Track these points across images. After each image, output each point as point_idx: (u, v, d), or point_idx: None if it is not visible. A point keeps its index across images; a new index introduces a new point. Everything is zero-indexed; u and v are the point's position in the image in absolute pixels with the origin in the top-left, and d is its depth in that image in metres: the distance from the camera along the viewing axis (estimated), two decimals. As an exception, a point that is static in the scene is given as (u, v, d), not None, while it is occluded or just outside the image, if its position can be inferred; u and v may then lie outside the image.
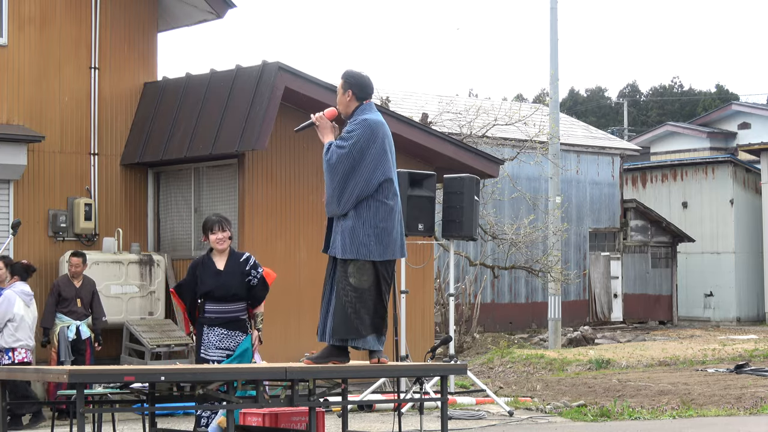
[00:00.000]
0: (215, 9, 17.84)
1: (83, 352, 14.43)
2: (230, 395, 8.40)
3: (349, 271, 8.53)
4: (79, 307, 14.52)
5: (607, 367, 21.37)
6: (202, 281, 9.47)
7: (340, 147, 8.55)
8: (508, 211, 29.69)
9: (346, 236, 8.53)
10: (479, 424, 12.99)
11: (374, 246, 8.53)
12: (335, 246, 8.59)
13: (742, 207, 38.93)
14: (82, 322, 14.52)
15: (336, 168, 8.53)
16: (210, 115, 16.40)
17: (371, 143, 8.56)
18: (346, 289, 8.52)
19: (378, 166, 8.57)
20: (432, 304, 18.57)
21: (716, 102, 64.11)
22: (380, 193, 8.58)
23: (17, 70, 16.41)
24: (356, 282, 8.51)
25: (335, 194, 8.55)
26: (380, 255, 8.55)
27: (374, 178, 8.55)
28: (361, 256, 8.52)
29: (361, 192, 8.52)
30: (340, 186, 8.53)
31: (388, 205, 8.61)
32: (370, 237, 8.53)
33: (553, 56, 27.54)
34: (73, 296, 14.45)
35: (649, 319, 37.37)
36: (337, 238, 8.58)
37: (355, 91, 8.72)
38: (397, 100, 31.05)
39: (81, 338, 14.42)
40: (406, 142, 17.34)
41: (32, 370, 9.60)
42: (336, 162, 8.52)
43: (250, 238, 16.10)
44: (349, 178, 8.51)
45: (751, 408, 14.15)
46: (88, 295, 14.71)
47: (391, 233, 8.60)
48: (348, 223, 8.55)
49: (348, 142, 8.53)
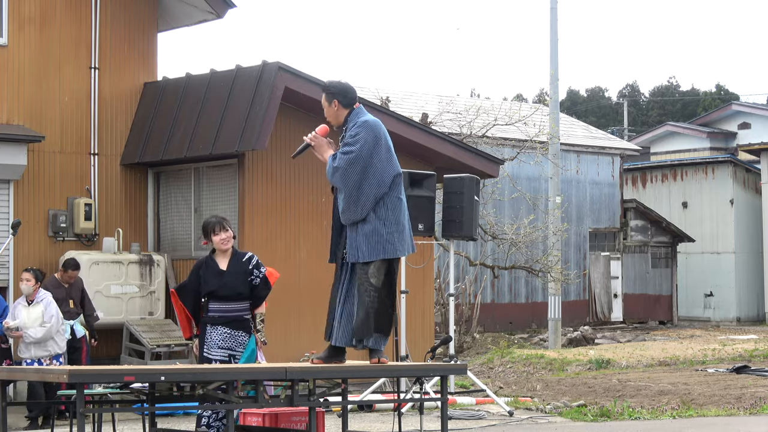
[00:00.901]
0: (215, 9, 17.83)
1: (79, 349, 14.52)
2: (230, 395, 8.40)
3: (371, 272, 8.55)
4: (71, 308, 14.59)
5: (607, 367, 21.37)
6: (206, 281, 9.48)
7: (347, 153, 8.55)
8: (508, 211, 29.69)
9: (371, 239, 8.54)
10: (479, 424, 12.99)
11: (397, 243, 8.60)
12: (358, 251, 8.56)
13: (742, 207, 38.93)
14: (75, 321, 14.61)
15: (348, 173, 8.51)
16: (210, 115, 16.40)
17: (377, 142, 8.61)
18: (368, 290, 8.52)
19: (387, 163, 8.63)
20: (432, 304, 18.57)
21: (716, 102, 64.12)
22: (394, 190, 8.64)
23: (17, 70, 16.41)
24: (376, 281, 8.55)
25: (352, 199, 8.53)
26: (403, 250, 8.65)
27: (387, 176, 8.60)
28: (389, 254, 8.55)
29: (378, 192, 8.56)
30: (355, 190, 8.52)
31: (402, 200, 8.70)
32: (393, 234, 8.58)
33: (553, 56, 27.54)
34: (64, 297, 14.51)
35: (649, 319, 37.38)
36: (360, 243, 8.55)
37: (340, 100, 8.76)
38: (397, 100, 31.05)
39: (76, 337, 14.53)
40: (406, 142, 17.34)
41: (32, 370, 9.60)
42: (347, 167, 8.51)
43: (250, 238, 16.09)
44: (362, 180, 8.53)
45: (751, 408, 14.15)
46: (78, 293, 14.80)
47: (406, 228, 8.70)
48: (369, 227, 8.55)
49: (355, 146, 8.54)
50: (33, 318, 13.23)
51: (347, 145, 8.58)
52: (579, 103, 73.12)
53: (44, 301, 13.40)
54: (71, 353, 14.33)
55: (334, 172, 8.55)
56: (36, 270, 13.70)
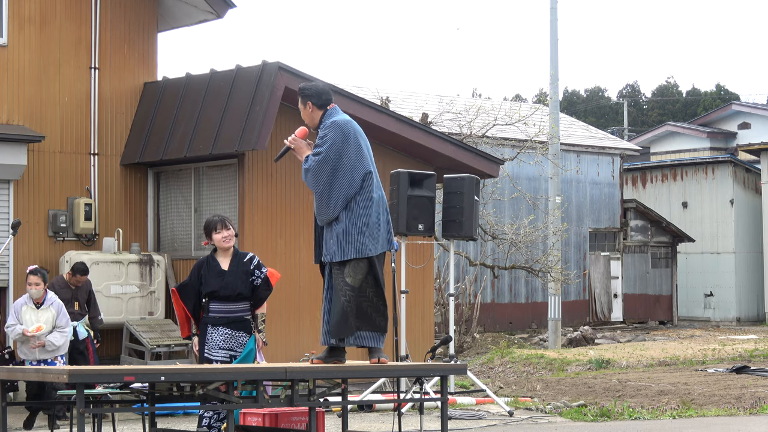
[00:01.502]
0: (215, 9, 17.84)
1: (83, 351, 14.43)
2: (230, 395, 8.40)
3: (346, 272, 8.65)
4: (77, 309, 14.53)
5: (607, 367, 21.37)
6: (207, 281, 9.47)
7: (316, 154, 8.69)
8: (508, 211, 29.70)
9: (341, 239, 8.65)
10: (479, 424, 12.99)
11: (369, 242, 8.67)
12: (330, 251, 8.70)
13: (742, 207, 38.93)
14: (79, 323, 14.52)
15: (318, 174, 8.64)
16: (210, 115, 16.40)
17: (345, 142, 8.68)
18: (344, 289, 8.64)
19: (357, 162, 8.70)
20: (432, 304, 18.57)
21: (716, 102, 64.11)
22: (365, 189, 8.72)
23: (17, 70, 16.42)
24: (352, 281, 8.63)
25: (323, 200, 8.68)
26: (375, 249, 8.69)
27: (357, 175, 8.69)
28: (360, 254, 8.63)
29: (348, 191, 8.65)
30: (326, 190, 8.65)
31: (374, 198, 8.75)
32: (364, 234, 8.67)
33: (553, 56, 27.53)
34: (70, 298, 14.45)
35: (649, 319, 37.37)
36: (332, 243, 8.69)
37: (313, 101, 8.85)
38: (397, 100, 31.05)
39: (79, 338, 14.42)
40: (406, 142, 17.35)
41: (32, 370, 9.60)
42: (317, 168, 8.64)
43: (250, 238, 16.10)
44: (333, 180, 8.64)
45: (751, 408, 14.15)
46: (85, 295, 14.72)
47: (380, 226, 8.73)
48: (341, 226, 8.68)
49: (323, 147, 8.67)
50: (42, 322, 12.73)
51: (317, 146, 8.71)
52: (578, 103, 73.12)
53: (54, 304, 12.86)
54: (75, 355, 14.27)
55: (306, 173, 8.71)
56: (42, 270, 13.19)
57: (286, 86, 15.85)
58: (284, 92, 15.85)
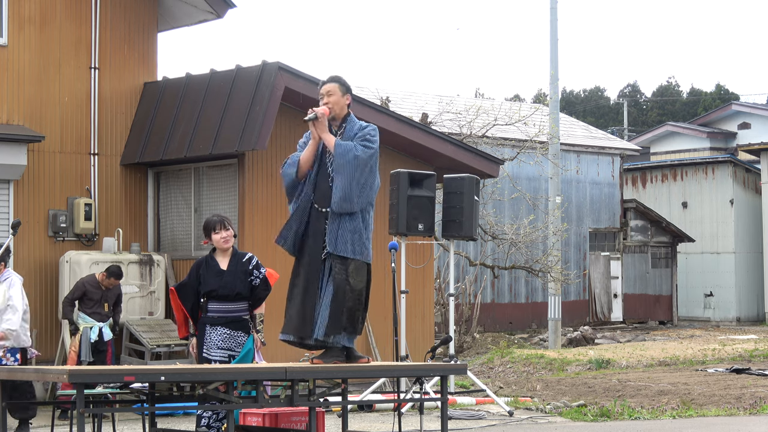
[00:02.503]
0: (215, 9, 17.84)
1: (103, 351, 14.62)
2: (230, 395, 8.40)
3: (350, 271, 8.66)
4: (105, 311, 14.73)
5: (607, 367, 21.37)
6: (205, 281, 9.46)
7: (368, 147, 8.68)
8: (508, 211, 29.70)
9: (355, 236, 8.67)
10: (479, 424, 12.99)
11: (370, 249, 8.82)
12: (338, 243, 8.67)
13: (742, 207, 38.93)
14: (105, 324, 14.71)
15: (364, 165, 8.62)
16: (210, 115, 16.40)
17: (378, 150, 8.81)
18: (345, 289, 8.63)
19: (378, 173, 8.81)
20: (432, 304, 18.57)
21: (716, 102, 64.10)
22: (374, 199, 8.83)
23: (17, 70, 16.41)
24: (354, 282, 8.66)
25: (355, 189, 8.61)
26: (371, 258, 8.83)
27: (377, 184, 8.80)
28: (365, 258, 8.72)
29: (371, 194, 8.74)
30: (360, 184, 8.62)
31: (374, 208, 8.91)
32: (369, 240, 8.78)
33: (553, 56, 27.53)
34: (99, 299, 14.71)
35: (649, 319, 37.38)
36: (345, 238, 8.66)
37: (351, 96, 8.94)
38: (397, 100, 31.05)
39: (103, 339, 14.63)
40: (406, 142, 17.34)
41: (32, 370, 9.59)
42: (366, 159, 8.63)
43: (250, 238, 16.09)
44: (370, 177, 8.68)
45: (751, 408, 14.16)
46: (113, 298, 14.96)
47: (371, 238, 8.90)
48: (354, 224, 8.68)
49: (374, 145, 8.71)
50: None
51: (368, 141, 8.68)
52: (577, 103, 73.08)
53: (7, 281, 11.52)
54: (95, 355, 14.45)
55: (354, 157, 8.59)
56: None
57: (286, 86, 15.85)
58: (284, 92, 15.86)
